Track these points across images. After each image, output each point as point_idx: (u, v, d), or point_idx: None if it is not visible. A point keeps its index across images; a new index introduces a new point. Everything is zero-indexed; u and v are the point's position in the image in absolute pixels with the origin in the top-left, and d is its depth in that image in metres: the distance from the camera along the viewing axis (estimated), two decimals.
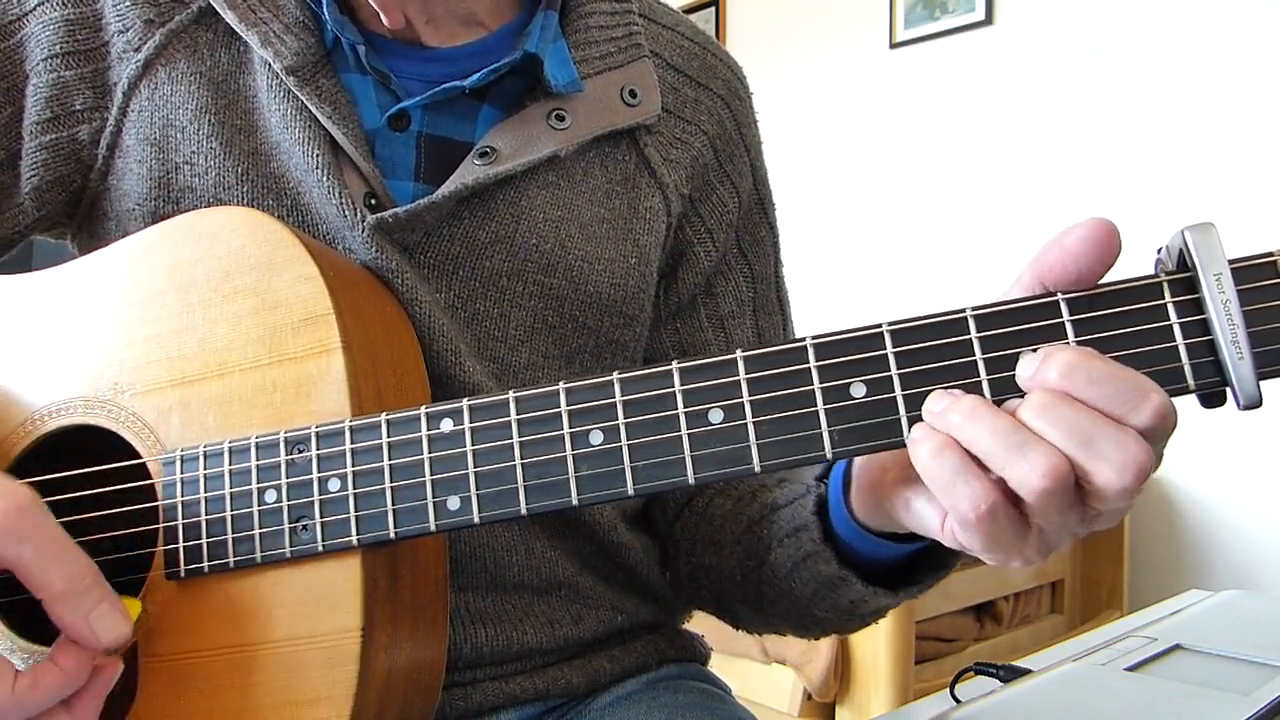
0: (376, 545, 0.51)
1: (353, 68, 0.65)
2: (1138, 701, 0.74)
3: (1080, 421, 0.39)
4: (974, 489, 0.41)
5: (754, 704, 1.74)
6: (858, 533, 0.54)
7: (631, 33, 0.70)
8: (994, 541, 0.42)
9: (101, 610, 0.47)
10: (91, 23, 0.65)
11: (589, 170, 0.68)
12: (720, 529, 0.69)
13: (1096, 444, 0.39)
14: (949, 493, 0.41)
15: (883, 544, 0.54)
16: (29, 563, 0.46)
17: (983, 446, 0.41)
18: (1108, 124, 2.45)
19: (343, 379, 0.52)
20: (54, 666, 0.47)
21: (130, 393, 0.57)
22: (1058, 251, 0.42)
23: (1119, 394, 0.39)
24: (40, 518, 0.47)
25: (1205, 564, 2.32)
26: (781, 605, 0.64)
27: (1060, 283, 0.42)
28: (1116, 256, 0.42)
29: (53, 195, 0.66)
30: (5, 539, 0.46)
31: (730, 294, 0.75)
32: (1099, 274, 0.42)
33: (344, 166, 0.62)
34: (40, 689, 0.46)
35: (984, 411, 0.41)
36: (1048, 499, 0.40)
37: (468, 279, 0.64)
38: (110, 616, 0.48)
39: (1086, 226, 0.41)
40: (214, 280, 0.56)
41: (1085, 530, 0.43)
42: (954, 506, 0.42)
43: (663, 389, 0.46)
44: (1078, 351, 0.40)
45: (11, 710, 0.46)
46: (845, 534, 0.56)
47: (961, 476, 0.41)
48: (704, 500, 0.72)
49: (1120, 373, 0.40)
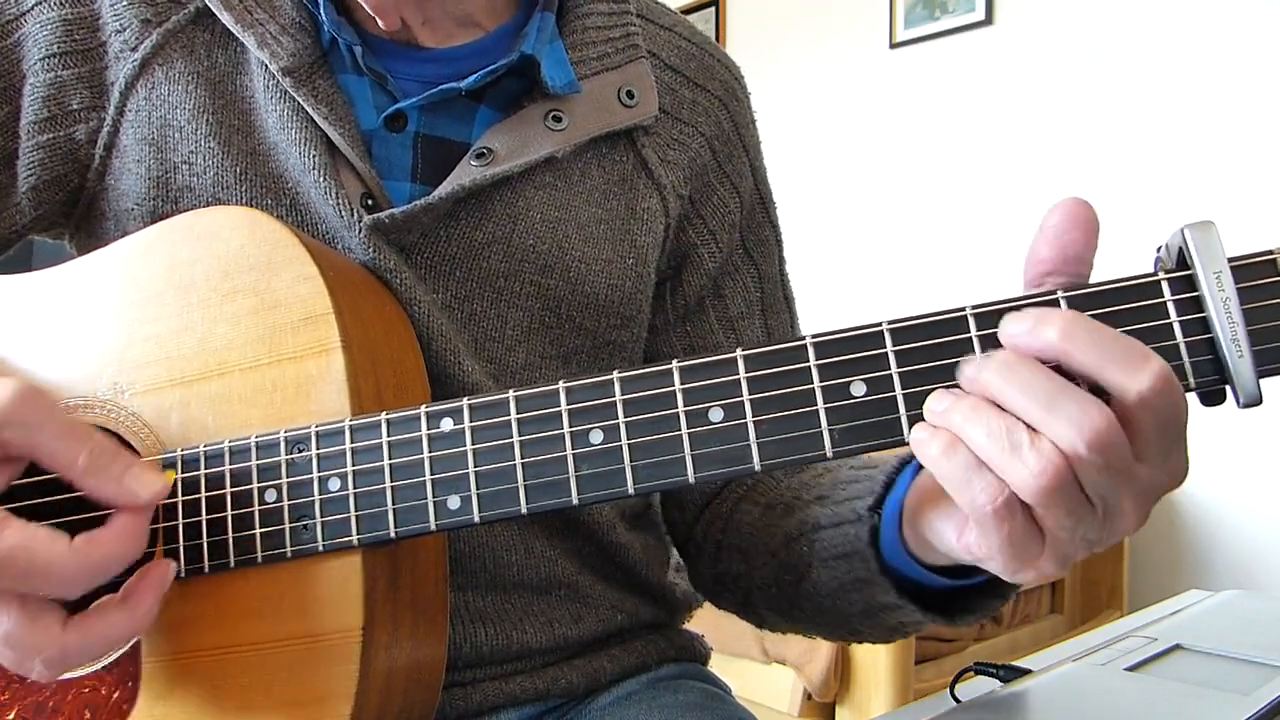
0: (377, 544, 0.51)
1: (349, 68, 0.65)
2: (1138, 701, 0.74)
3: (1038, 384, 0.39)
4: (989, 481, 0.40)
5: (754, 704, 1.74)
6: (911, 565, 0.54)
7: (629, 33, 0.70)
8: (1010, 545, 0.41)
9: (134, 471, 0.48)
10: (89, 22, 0.65)
11: (586, 171, 0.68)
12: (749, 539, 0.68)
13: (1058, 406, 0.39)
14: (964, 489, 0.41)
15: (933, 576, 0.53)
16: (47, 445, 0.47)
17: (981, 448, 0.40)
18: (1108, 124, 2.45)
19: (342, 378, 0.52)
20: (107, 528, 0.47)
21: (130, 392, 0.57)
22: (1042, 236, 0.42)
23: (1114, 353, 0.39)
24: (44, 401, 0.47)
25: (1205, 564, 2.32)
26: (823, 619, 0.64)
27: (1055, 266, 0.43)
28: (1096, 228, 0.42)
29: (50, 195, 0.66)
30: (16, 428, 0.46)
31: (739, 295, 0.75)
32: (1084, 246, 0.42)
33: (341, 167, 0.62)
34: (99, 544, 0.46)
35: (983, 411, 0.40)
36: (1049, 498, 0.39)
37: (465, 279, 0.64)
38: (144, 475, 0.48)
39: (1063, 205, 0.42)
40: (213, 280, 0.56)
41: (1102, 535, 0.42)
42: (970, 503, 0.41)
43: (663, 388, 0.46)
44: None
45: (73, 568, 0.46)
46: (897, 564, 0.55)
47: (976, 470, 0.40)
48: (727, 505, 0.72)
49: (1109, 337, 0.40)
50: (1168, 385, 0.39)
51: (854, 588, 0.58)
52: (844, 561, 0.58)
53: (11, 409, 0.46)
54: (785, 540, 0.64)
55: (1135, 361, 0.39)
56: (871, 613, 0.59)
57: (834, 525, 0.60)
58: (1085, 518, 0.41)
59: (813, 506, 0.63)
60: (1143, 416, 0.39)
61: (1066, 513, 0.40)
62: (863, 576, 0.57)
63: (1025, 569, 0.42)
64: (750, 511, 0.69)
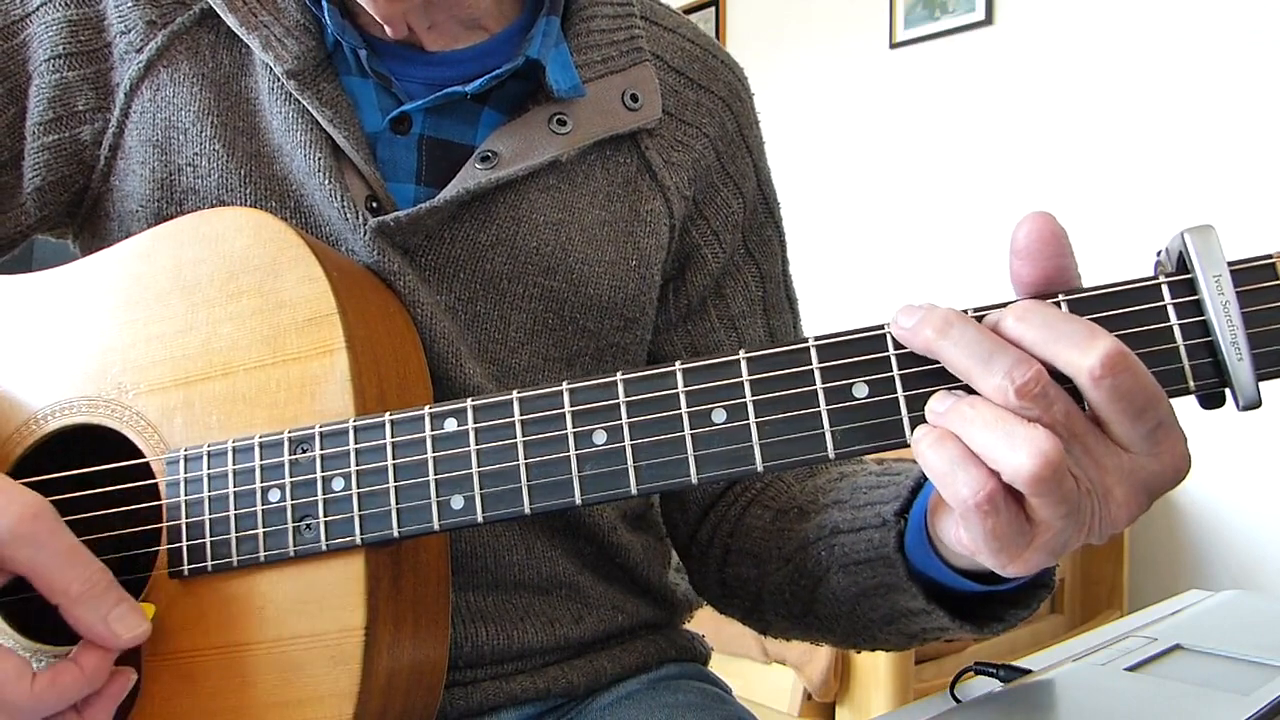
0: (380, 544, 0.51)
1: (354, 71, 0.65)
2: (1138, 701, 0.74)
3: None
4: (972, 475, 0.40)
5: (754, 704, 1.74)
6: (940, 569, 0.53)
7: (633, 36, 0.70)
8: (996, 537, 0.41)
9: (120, 611, 0.48)
10: (94, 23, 0.65)
11: (590, 173, 0.68)
12: (761, 543, 0.68)
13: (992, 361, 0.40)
14: (949, 483, 0.41)
15: (963, 580, 0.53)
16: (45, 567, 0.47)
17: (977, 440, 0.41)
18: (1107, 124, 2.45)
19: (346, 379, 0.52)
20: (74, 666, 0.48)
21: (134, 392, 0.57)
22: (1020, 259, 0.43)
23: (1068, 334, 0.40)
24: (53, 522, 0.48)
25: (1205, 564, 2.32)
26: (839, 625, 0.64)
27: (1032, 284, 0.43)
28: (1067, 239, 0.43)
29: (55, 196, 0.66)
30: (20, 544, 0.46)
31: (740, 295, 0.75)
32: (1065, 259, 0.43)
33: (345, 169, 0.62)
34: (59, 687, 0.47)
35: (981, 406, 0.41)
36: (1040, 485, 0.39)
37: (468, 281, 0.64)
38: (129, 617, 0.49)
39: (1030, 225, 0.43)
40: (218, 280, 0.56)
41: (1096, 525, 0.42)
42: (954, 496, 0.41)
43: (666, 389, 0.46)
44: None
45: (29, 709, 0.46)
46: (923, 569, 0.55)
47: (961, 464, 0.41)
48: (735, 509, 0.72)
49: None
50: (1118, 361, 0.39)
51: (876, 593, 0.58)
52: (866, 567, 0.58)
53: (21, 527, 0.46)
54: (800, 545, 0.64)
55: (1083, 341, 0.40)
56: (894, 619, 0.58)
57: (854, 530, 0.59)
58: (1078, 505, 0.41)
59: (830, 511, 0.62)
60: (1098, 396, 0.40)
61: (1059, 499, 0.40)
62: (888, 582, 0.57)
63: (1013, 562, 0.43)
64: (762, 516, 0.69)
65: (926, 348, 0.43)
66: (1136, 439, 0.41)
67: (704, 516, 0.74)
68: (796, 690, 1.87)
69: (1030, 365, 0.40)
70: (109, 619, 0.48)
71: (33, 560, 0.47)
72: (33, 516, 0.47)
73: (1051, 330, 0.41)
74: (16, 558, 0.47)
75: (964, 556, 0.49)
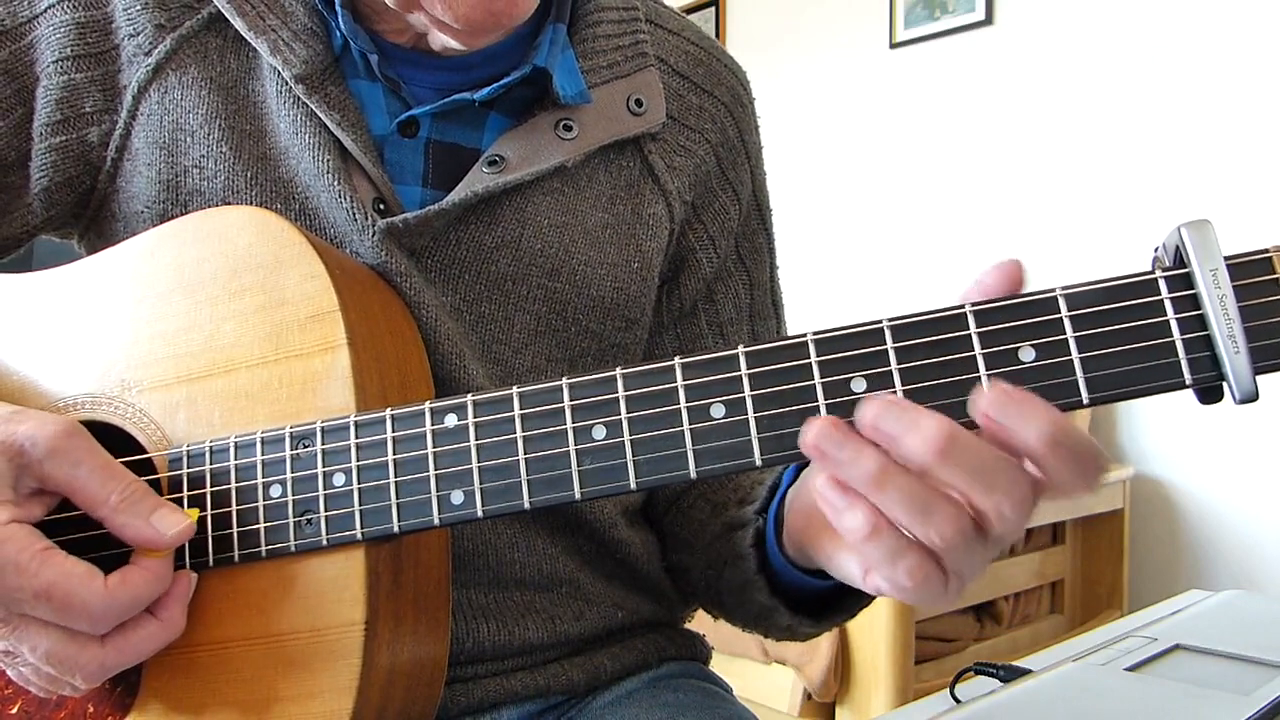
0: (380, 540, 0.52)
1: (361, 74, 0.66)
2: (1138, 701, 0.74)
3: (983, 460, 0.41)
4: (911, 562, 0.42)
5: (754, 704, 1.74)
6: (788, 568, 0.57)
7: (638, 41, 0.71)
8: (923, 596, 0.44)
9: (161, 513, 0.50)
10: (102, 26, 0.66)
11: (594, 177, 0.68)
12: (695, 533, 0.70)
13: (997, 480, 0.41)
14: (888, 568, 0.43)
15: (809, 579, 0.57)
16: (84, 481, 0.49)
17: (895, 514, 0.42)
18: (1107, 123, 2.45)
19: (348, 375, 0.53)
20: (137, 568, 0.50)
21: (137, 389, 0.57)
22: (976, 286, 0.44)
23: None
24: (87, 440, 0.50)
25: (1205, 564, 2.32)
26: (737, 616, 0.68)
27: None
28: (1020, 284, 0.44)
29: (61, 196, 0.67)
30: (59, 461, 0.49)
31: (729, 301, 0.76)
32: None
33: (353, 172, 0.63)
34: (131, 585, 0.49)
35: (893, 475, 0.42)
36: (956, 550, 0.42)
37: (473, 282, 0.65)
38: (170, 516, 0.51)
39: (996, 269, 0.44)
40: (221, 278, 0.56)
41: (992, 557, 0.44)
42: (891, 579, 0.43)
43: (665, 384, 0.47)
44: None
45: (103, 608, 0.48)
46: (778, 565, 0.59)
47: (900, 554, 0.42)
48: (689, 500, 0.74)
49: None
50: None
51: (746, 589, 0.62)
52: (742, 561, 0.62)
53: (56, 443, 0.49)
54: (712, 539, 0.67)
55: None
56: (760, 614, 0.62)
57: (742, 526, 0.63)
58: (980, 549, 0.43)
59: (737, 507, 0.65)
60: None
61: (967, 552, 0.42)
62: (748, 578, 0.61)
63: (936, 603, 0.45)
64: (702, 509, 0.71)
65: None
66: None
67: (670, 508, 0.76)
68: (796, 690, 1.87)
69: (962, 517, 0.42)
70: (152, 520, 0.50)
71: (71, 475, 0.49)
72: (66, 434, 0.49)
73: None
74: (56, 475, 0.49)
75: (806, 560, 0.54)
